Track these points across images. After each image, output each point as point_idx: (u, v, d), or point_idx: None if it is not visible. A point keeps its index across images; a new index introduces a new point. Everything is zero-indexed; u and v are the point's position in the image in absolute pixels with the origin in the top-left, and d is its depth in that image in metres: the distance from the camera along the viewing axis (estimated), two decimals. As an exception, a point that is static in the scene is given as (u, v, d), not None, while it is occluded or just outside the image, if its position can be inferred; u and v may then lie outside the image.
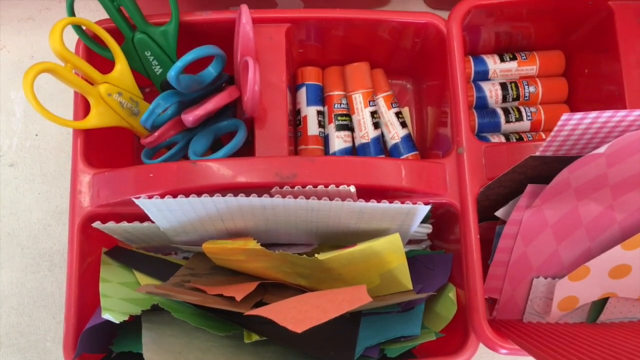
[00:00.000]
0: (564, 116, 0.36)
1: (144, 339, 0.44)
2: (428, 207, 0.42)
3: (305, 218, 0.46)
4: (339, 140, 0.57)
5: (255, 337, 0.45)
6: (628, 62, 0.51)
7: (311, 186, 0.43)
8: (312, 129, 0.57)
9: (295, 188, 0.43)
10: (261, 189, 0.43)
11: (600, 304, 0.54)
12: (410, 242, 0.54)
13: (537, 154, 0.41)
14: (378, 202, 0.42)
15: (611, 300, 0.53)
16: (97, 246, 0.50)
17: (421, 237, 0.53)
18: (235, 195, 0.42)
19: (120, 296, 0.46)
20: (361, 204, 0.42)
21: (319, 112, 0.58)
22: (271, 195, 0.42)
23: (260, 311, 0.40)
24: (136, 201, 0.41)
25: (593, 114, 0.36)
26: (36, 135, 0.61)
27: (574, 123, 0.37)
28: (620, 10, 0.51)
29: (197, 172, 0.44)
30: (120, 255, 0.51)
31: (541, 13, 0.53)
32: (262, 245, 0.44)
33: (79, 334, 0.46)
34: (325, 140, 0.58)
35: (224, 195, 0.42)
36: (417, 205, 0.42)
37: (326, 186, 0.43)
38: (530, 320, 0.55)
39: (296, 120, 0.59)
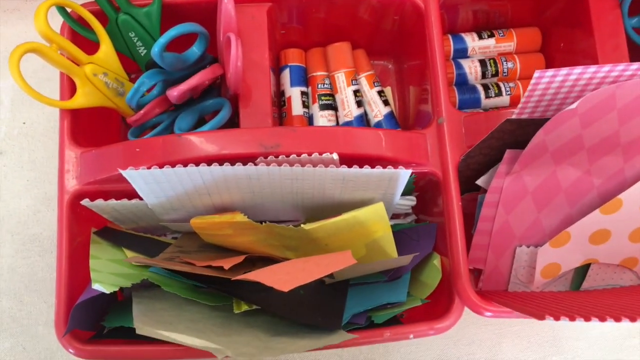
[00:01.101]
0: (537, 73, 0.37)
1: (134, 312, 0.44)
2: (409, 172, 0.43)
3: (290, 189, 0.46)
4: (323, 120, 0.58)
5: (245, 307, 0.46)
6: (601, 35, 0.52)
7: (295, 155, 0.44)
8: (297, 109, 0.58)
9: (280, 157, 0.44)
10: (246, 160, 0.44)
11: (582, 271, 0.55)
12: (395, 216, 0.55)
13: (514, 116, 0.42)
14: (360, 167, 0.43)
15: (593, 266, 0.54)
16: (86, 227, 0.51)
17: (406, 211, 0.54)
18: (221, 165, 0.43)
19: (109, 271, 0.47)
20: (344, 170, 0.43)
21: (303, 93, 0.59)
22: (256, 165, 0.43)
23: (248, 275, 0.41)
24: (123, 172, 0.42)
25: (564, 70, 0.37)
26: (24, 123, 0.62)
27: (547, 81, 0.38)
28: (592, -17, 0.52)
29: (182, 144, 0.44)
30: (109, 234, 0.51)
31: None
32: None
33: (70, 312, 0.47)
34: (309, 120, 0.59)
35: (209, 165, 0.43)
36: (398, 170, 0.43)
37: (309, 155, 0.44)
38: (515, 290, 0.56)
39: (280, 101, 0.60)
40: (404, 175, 0.43)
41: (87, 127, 0.52)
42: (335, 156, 0.44)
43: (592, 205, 0.51)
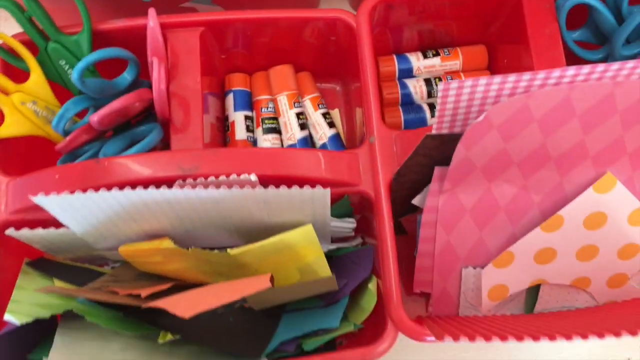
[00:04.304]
0: (441, 85, 0.36)
1: (55, 343, 0.43)
2: (327, 191, 0.42)
3: (216, 213, 0.45)
4: (266, 143, 0.57)
5: (169, 337, 0.45)
6: (538, 49, 0.51)
7: (213, 177, 0.43)
8: (240, 133, 0.58)
9: (198, 180, 0.43)
10: (167, 183, 0.43)
11: (534, 293, 0.53)
12: (340, 240, 0.54)
13: (433, 131, 0.41)
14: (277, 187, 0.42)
15: (543, 287, 0.52)
16: (21, 260, 0.50)
17: (348, 234, 0.53)
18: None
19: (33, 301, 0.46)
20: (261, 190, 0.41)
21: (247, 117, 0.59)
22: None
23: (156, 303, 0.39)
24: (34, 199, 0.41)
25: (469, 81, 0.36)
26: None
27: (454, 93, 0.37)
28: (528, -5, 0.51)
29: (100, 169, 0.44)
30: (43, 265, 0.50)
31: (454, 2, 0.54)
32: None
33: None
34: (254, 144, 0.58)
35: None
36: (316, 189, 0.42)
37: (228, 176, 0.43)
38: (466, 314, 0.53)
39: (225, 126, 0.59)
40: (322, 194, 0.42)
41: (21, 158, 0.52)
42: (253, 177, 0.43)
43: (536, 223, 0.49)
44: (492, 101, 0.38)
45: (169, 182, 0.43)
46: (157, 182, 0.43)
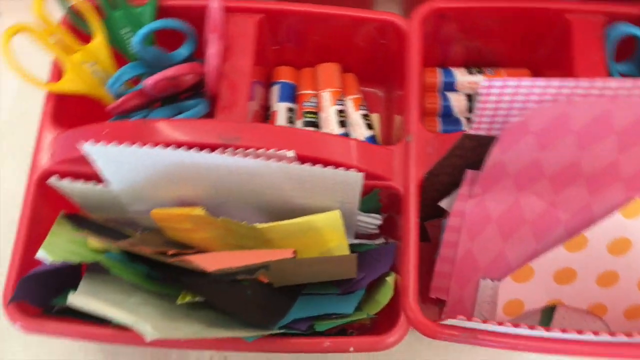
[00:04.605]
0: (484, 82, 0.37)
1: (80, 286, 0.45)
2: (360, 175, 0.43)
3: (250, 187, 0.47)
4: (304, 136, 0.59)
5: (188, 298, 0.46)
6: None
7: (253, 150, 0.45)
8: (280, 124, 0.59)
9: (237, 150, 0.45)
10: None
11: (549, 315, 0.53)
12: (363, 237, 0.55)
13: (471, 131, 0.42)
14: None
15: (559, 309, 0.52)
16: (57, 212, 0.52)
17: (373, 230, 0.54)
18: (178, 150, 0.44)
19: (64, 248, 0.48)
20: (295, 166, 0.43)
21: (290, 109, 0.60)
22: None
23: (182, 257, 0.41)
24: (82, 146, 0.43)
25: (513, 81, 0.37)
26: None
27: (497, 92, 0.38)
28: (578, 24, 0.53)
29: (147, 129, 0.46)
30: (77, 219, 0.52)
31: (504, 22, 0.55)
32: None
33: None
34: (292, 135, 0.60)
35: (168, 150, 0.44)
36: (349, 172, 0.43)
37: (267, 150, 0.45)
38: (478, 326, 0.54)
39: (266, 115, 0.61)
40: (355, 177, 0.43)
41: (73, 116, 0.54)
42: (290, 153, 0.44)
43: (560, 242, 0.49)
44: (533, 106, 0.39)
45: (210, 150, 0.45)
46: (198, 148, 0.45)
